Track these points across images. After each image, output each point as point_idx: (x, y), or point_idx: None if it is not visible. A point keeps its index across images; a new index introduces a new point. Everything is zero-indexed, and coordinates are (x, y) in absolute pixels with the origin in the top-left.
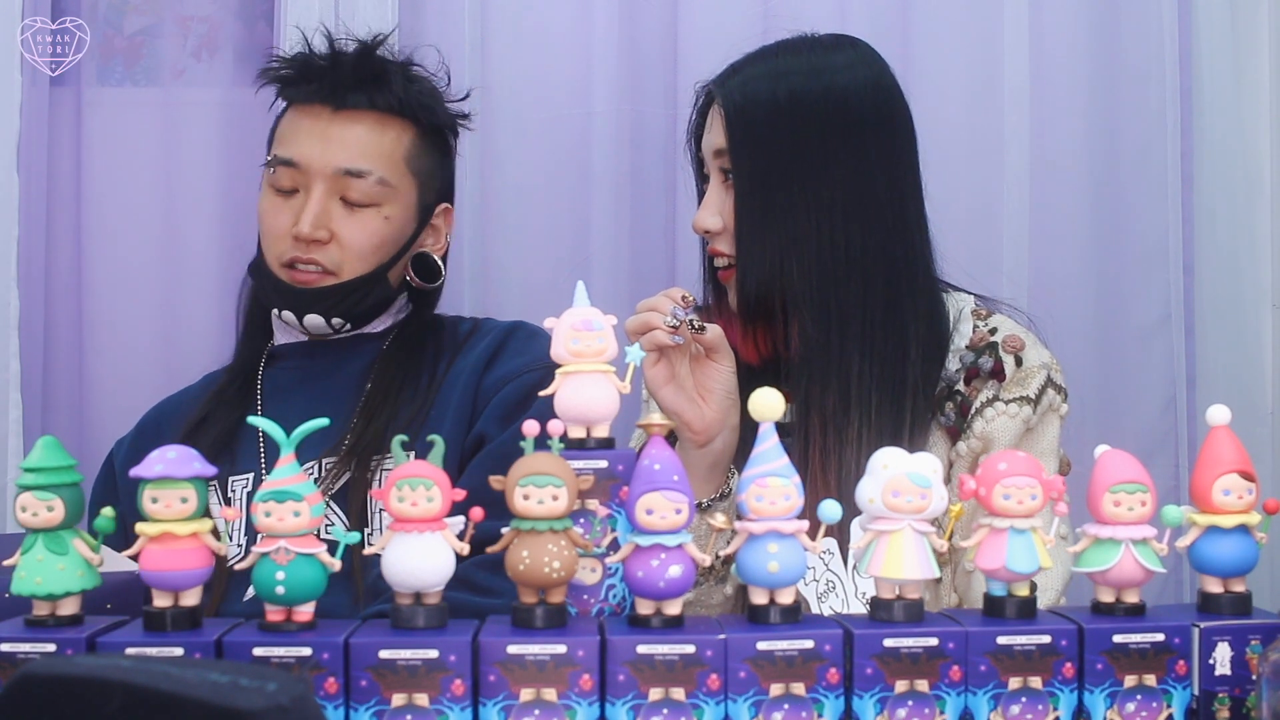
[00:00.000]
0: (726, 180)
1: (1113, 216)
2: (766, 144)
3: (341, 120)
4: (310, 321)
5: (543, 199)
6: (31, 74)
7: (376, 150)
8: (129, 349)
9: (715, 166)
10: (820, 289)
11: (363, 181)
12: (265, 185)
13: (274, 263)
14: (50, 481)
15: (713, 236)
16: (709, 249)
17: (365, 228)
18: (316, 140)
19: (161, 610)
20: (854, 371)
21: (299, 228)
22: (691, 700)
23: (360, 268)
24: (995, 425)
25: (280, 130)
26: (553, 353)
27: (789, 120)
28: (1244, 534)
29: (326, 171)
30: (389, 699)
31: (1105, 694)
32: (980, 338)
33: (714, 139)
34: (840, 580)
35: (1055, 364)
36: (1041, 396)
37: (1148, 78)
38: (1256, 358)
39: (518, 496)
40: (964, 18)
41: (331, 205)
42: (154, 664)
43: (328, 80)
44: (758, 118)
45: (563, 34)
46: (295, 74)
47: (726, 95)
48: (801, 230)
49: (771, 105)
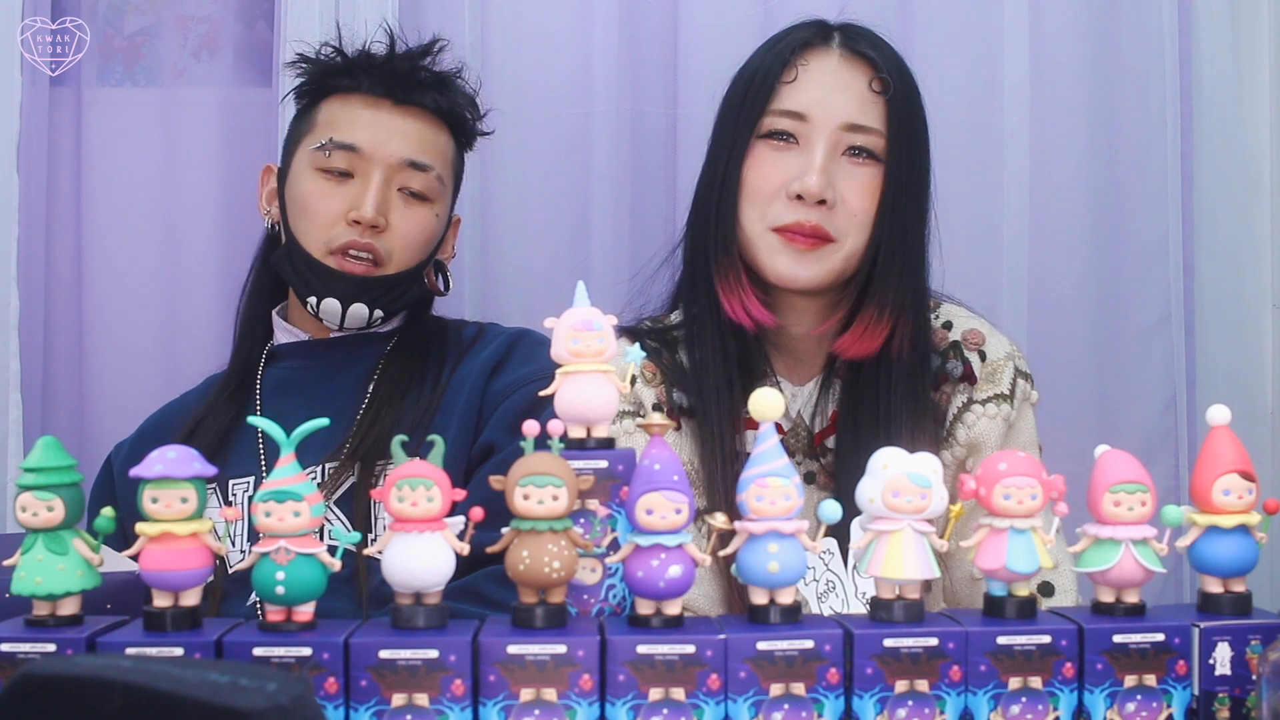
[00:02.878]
0: (846, 154)
1: (1113, 216)
2: (918, 139)
3: (402, 113)
4: (354, 312)
5: (543, 199)
6: (31, 74)
7: (435, 148)
8: (129, 349)
9: (836, 137)
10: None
11: (425, 175)
12: (309, 169)
13: (319, 249)
14: (50, 481)
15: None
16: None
17: (420, 221)
18: (380, 129)
19: (161, 610)
20: (918, 375)
21: (361, 211)
22: (691, 700)
23: (407, 261)
24: (978, 429)
25: (331, 116)
26: (553, 353)
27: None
28: (1244, 534)
29: (392, 160)
30: (389, 699)
31: (1105, 694)
32: (939, 338)
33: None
34: (840, 580)
35: (1016, 350)
36: (1015, 390)
37: (1148, 78)
38: (1256, 358)
39: (518, 496)
40: (964, 18)
41: (390, 194)
42: (154, 664)
43: (393, 75)
44: (914, 108)
45: (563, 34)
46: (357, 64)
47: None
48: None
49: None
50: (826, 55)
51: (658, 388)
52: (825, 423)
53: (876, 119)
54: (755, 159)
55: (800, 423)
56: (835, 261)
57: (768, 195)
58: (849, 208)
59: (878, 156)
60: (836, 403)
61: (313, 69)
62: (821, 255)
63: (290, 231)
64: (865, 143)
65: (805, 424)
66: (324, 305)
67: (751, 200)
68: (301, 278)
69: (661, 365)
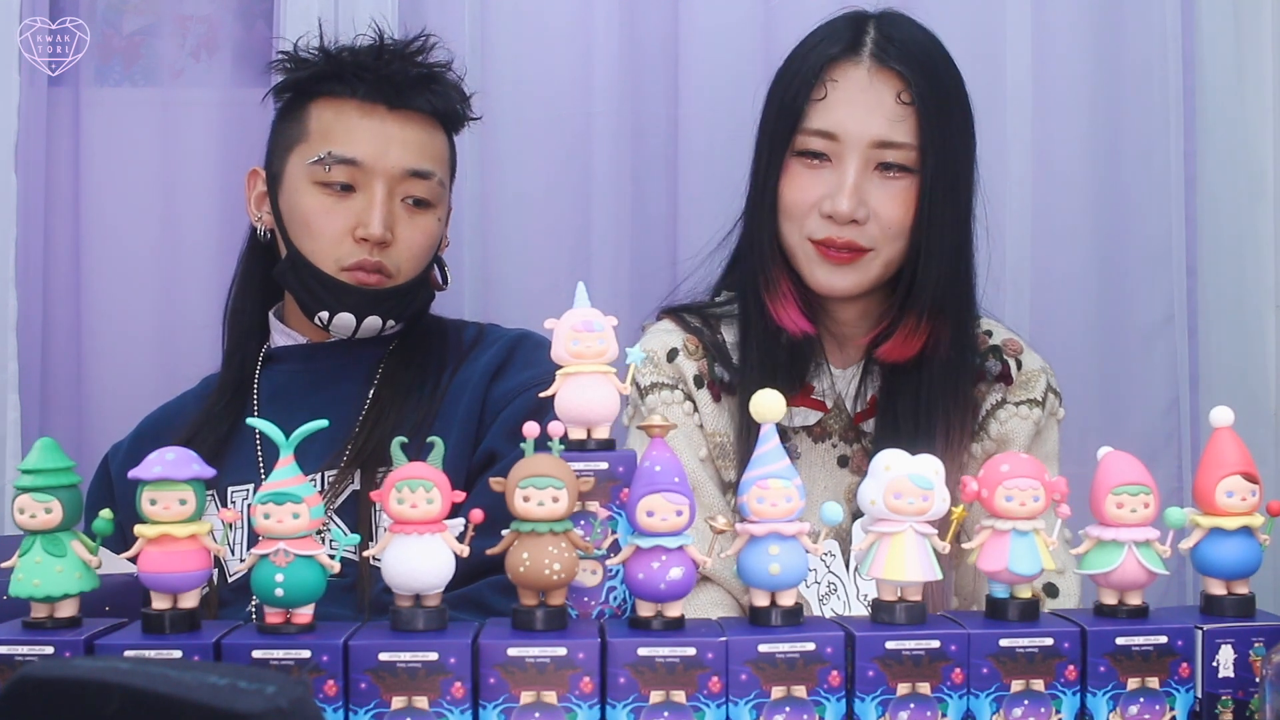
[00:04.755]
0: (878, 169)
1: (1116, 217)
2: (952, 142)
3: (398, 119)
4: (368, 324)
5: (543, 200)
6: (29, 73)
7: (433, 152)
8: (127, 349)
9: (867, 155)
10: (972, 290)
11: (428, 183)
12: (307, 183)
13: (331, 266)
14: (48, 483)
15: (849, 225)
16: (832, 236)
17: (424, 229)
18: (378, 138)
19: (160, 612)
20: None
21: (369, 229)
22: (692, 703)
23: (414, 270)
24: (1010, 427)
25: (325, 124)
26: (553, 354)
27: (957, 116)
28: (1247, 536)
29: (394, 171)
30: (389, 701)
31: (1108, 696)
32: (980, 341)
33: (875, 126)
34: (842, 582)
35: (1049, 369)
36: (1046, 400)
37: (1151, 78)
38: (1260, 359)
39: (518, 498)
40: (966, 17)
41: (395, 206)
42: (152, 666)
43: (386, 78)
44: (946, 111)
45: (563, 34)
46: (343, 67)
47: (915, 81)
48: (967, 232)
49: (951, 97)
50: (856, 70)
51: (700, 361)
52: (864, 405)
53: (907, 133)
54: (790, 176)
55: (841, 404)
56: (873, 270)
57: (804, 211)
58: (882, 220)
59: (911, 169)
60: (877, 389)
61: (301, 70)
62: (857, 266)
63: (293, 245)
64: (896, 158)
65: (846, 406)
66: (337, 320)
67: (789, 216)
68: (311, 293)
69: (704, 341)
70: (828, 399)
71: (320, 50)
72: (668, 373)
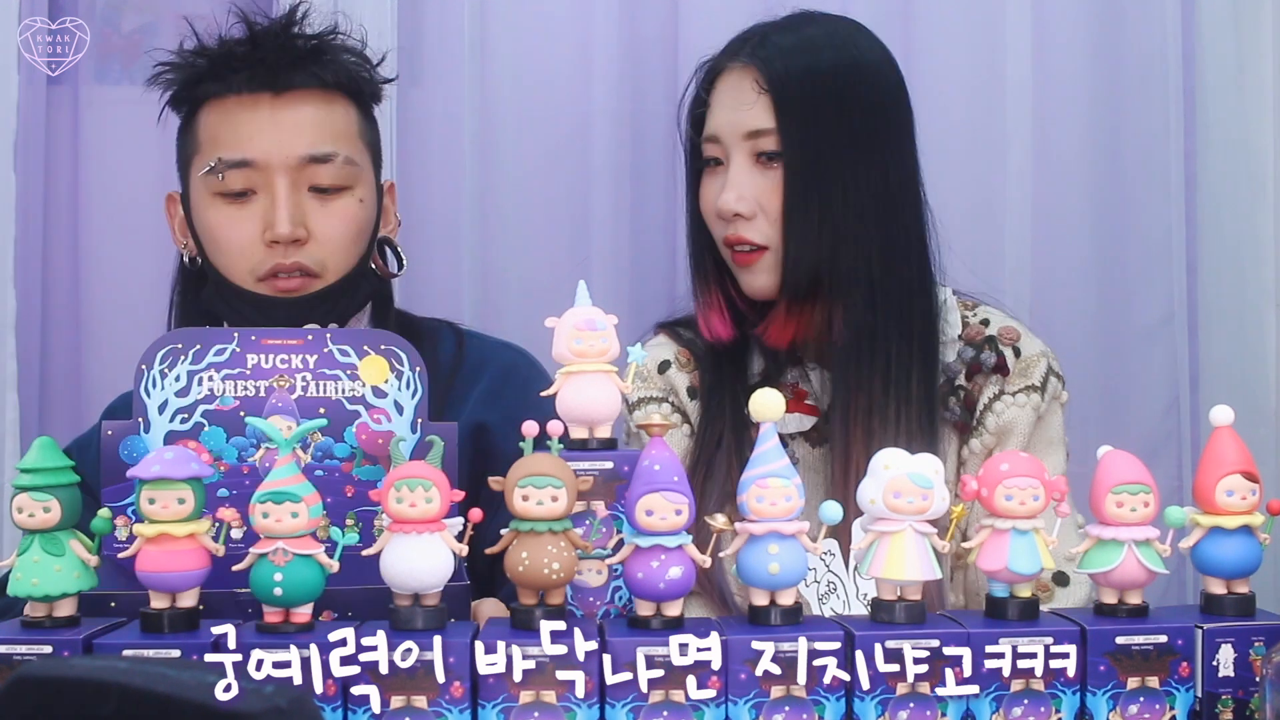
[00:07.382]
0: (758, 161)
1: (1116, 215)
2: (817, 122)
3: (286, 104)
4: None
5: (543, 197)
6: (28, 72)
7: (333, 129)
8: (126, 349)
9: (744, 148)
10: (870, 274)
11: (330, 165)
12: (206, 195)
13: (245, 279)
14: (46, 482)
15: (737, 221)
16: (729, 235)
17: (342, 217)
18: (266, 131)
19: (159, 611)
20: (894, 356)
21: (276, 230)
22: (691, 702)
23: (344, 263)
24: (1008, 417)
25: (212, 130)
26: (554, 353)
27: (835, 97)
28: (1247, 535)
29: (289, 163)
30: (388, 700)
31: (1108, 696)
32: (976, 332)
33: (741, 118)
34: (841, 581)
35: (1050, 351)
36: (1046, 385)
37: (1151, 76)
38: (1260, 358)
39: (517, 497)
40: (966, 14)
41: (302, 199)
42: (151, 666)
43: (261, 63)
44: (808, 93)
45: (563, 31)
46: (218, 64)
47: (767, 68)
48: (852, 214)
49: (817, 80)
50: (729, 73)
51: (693, 374)
52: None
53: (768, 119)
54: (702, 186)
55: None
56: (776, 267)
57: (712, 217)
58: (769, 213)
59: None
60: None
61: (177, 78)
62: (761, 265)
63: (211, 265)
64: (768, 145)
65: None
66: None
67: (709, 224)
68: (238, 312)
69: (696, 353)
70: (821, 403)
71: (194, 52)
72: (658, 385)
